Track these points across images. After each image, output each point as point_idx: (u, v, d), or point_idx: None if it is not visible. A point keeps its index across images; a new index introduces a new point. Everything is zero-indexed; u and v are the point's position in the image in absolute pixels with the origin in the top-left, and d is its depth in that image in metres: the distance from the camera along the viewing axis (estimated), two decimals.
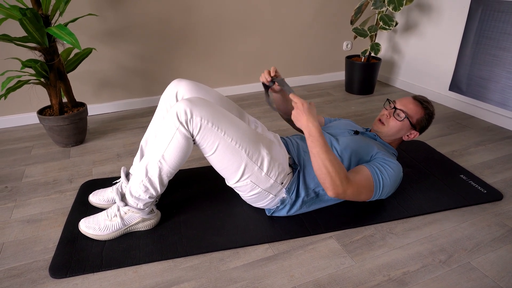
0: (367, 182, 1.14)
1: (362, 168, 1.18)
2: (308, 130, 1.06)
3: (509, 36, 1.91)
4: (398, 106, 1.32)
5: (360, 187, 1.12)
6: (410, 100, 1.32)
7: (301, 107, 1.07)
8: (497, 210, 1.34)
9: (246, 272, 1.07)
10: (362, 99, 2.54)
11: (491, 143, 1.87)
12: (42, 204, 1.38)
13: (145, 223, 1.20)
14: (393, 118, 1.31)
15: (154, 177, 1.09)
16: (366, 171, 1.16)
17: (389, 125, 1.31)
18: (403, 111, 1.29)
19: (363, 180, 1.14)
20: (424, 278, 1.05)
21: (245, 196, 1.22)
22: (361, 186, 1.13)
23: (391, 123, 1.31)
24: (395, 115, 1.31)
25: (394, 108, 1.31)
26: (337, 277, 1.05)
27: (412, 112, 1.30)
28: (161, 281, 1.04)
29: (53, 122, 1.72)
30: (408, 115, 1.29)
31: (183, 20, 2.27)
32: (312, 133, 1.06)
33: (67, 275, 1.04)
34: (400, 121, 1.30)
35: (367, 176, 1.15)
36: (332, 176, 1.05)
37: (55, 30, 1.48)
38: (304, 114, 1.07)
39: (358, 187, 1.11)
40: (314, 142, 1.06)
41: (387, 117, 1.32)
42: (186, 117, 1.03)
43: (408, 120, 1.29)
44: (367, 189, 1.15)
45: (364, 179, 1.14)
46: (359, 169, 1.17)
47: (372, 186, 1.16)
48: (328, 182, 1.06)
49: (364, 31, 2.40)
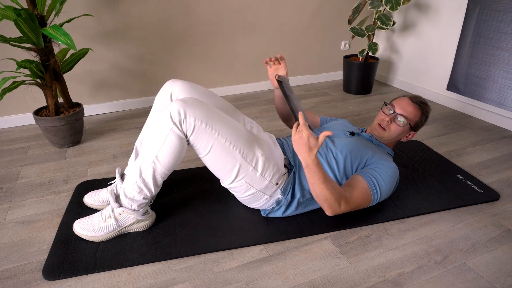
0: (365, 195, 1.16)
1: (358, 179, 1.17)
2: (305, 162, 1.03)
3: (506, 36, 1.90)
4: (398, 110, 1.29)
5: (358, 202, 1.15)
6: (408, 102, 1.30)
7: (306, 139, 1.00)
8: (493, 210, 1.34)
9: (240, 274, 1.06)
10: (360, 99, 2.53)
11: (488, 143, 1.87)
12: (37, 205, 1.38)
13: (139, 224, 1.19)
14: (394, 124, 1.29)
15: (148, 178, 1.09)
16: (363, 182, 1.16)
17: (390, 130, 1.29)
18: (404, 116, 1.28)
19: (360, 195, 1.15)
20: (419, 279, 1.04)
21: (240, 196, 1.21)
22: (359, 201, 1.15)
23: (392, 128, 1.29)
24: (396, 121, 1.29)
25: (394, 113, 1.29)
26: (331, 278, 1.05)
27: (411, 115, 1.29)
28: (155, 282, 1.03)
29: (49, 122, 1.72)
30: (408, 120, 1.28)
31: (180, 20, 2.26)
32: (310, 165, 1.03)
33: (61, 276, 1.04)
34: (402, 127, 1.29)
35: (364, 189, 1.16)
36: (330, 202, 1.08)
37: (50, 30, 1.47)
38: (306, 147, 1.01)
39: (356, 203, 1.15)
40: (311, 173, 1.04)
41: (388, 123, 1.29)
42: (179, 118, 1.02)
43: (409, 124, 1.29)
44: (365, 202, 1.17)
45: (361, 193, 1.15)
46: (356, 182, 1.17)
47: (370, 197, 1.17)
48: (326, 206, 1.10)
49: (361, 30, 2.40)
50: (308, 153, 1.01)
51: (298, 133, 1.02)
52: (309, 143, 1.00)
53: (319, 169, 1.03)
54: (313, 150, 1.01)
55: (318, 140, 1.01)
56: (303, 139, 1.00)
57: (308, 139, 1.00)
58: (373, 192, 1.16)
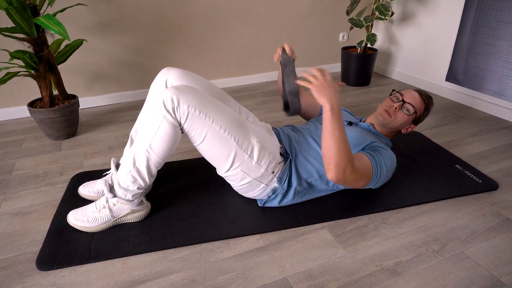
0: (367, 170, 1.13)
1: (362, 156, 1.15)
2: (331, 104, 1.00)
3: (505, 25, 1.88)
4: (407, 99, 1.29)
5: (361, 174, 1.10)
6: (416, 94, 1.31)
7: (330, 81, 1.03)
8: (492, 200, 1.33)
9: (237, 263, 1.05)
10: (358, 91, 2.51)
11: (487, 133, 1.86)
12: (31, 197, 1.36)
13: (134, 215, 1.18)
14: (401, 112, 1.29)
15: (142, 167, 1.07)
16: (366, 159, 1.14)
17: (396, 117, 1.29)
18: (412, 106, 1.28)
19: (364, 167, 1.12)
20: (417, 268, 1.03)
21: (236, 185, 1.20)
22: (362, 173, 1.10)
23: (399, 116, 1.29)
24: (403, 109, 1.29)
25: (403, 101, 1.29)
26: (328, 267, 1.04)
27: (418, 106, 1.30)
28: (150, 272, 1.02)
29: (44, 114, 1.70)
30: (416, 109, 1.29)
31: (177, 12, 2.23)
32: (334, 108, 1.00)
33: (55, 267, 1.03)
34: (408, 116, 1.28)
35: (367, 164, 1.13)
36: (340, 158, 1.01)
37: (43, 20, 1.45)
38: (330, 86, 1.02)
39: (359, 174, 1.09)
40: (334, 118, 1.00)
41: (396, 110, 1.28)
42: (173, 105, 1.00)
43: (415, 114, 1.29)
44: (365, 177, 1.13)
45: (365, 167, 1.12)
46: (360, 156, 1.15)
47: (371, 174, 1.14)
48: (334, 164, 1.02)
49: (360, 21, 2.37)
50: (335, 95, 1.01)
51: (322, 76, 1.03)
52: (334, 85, 1.03)
53: (341, 116, 1.03)
54: (338, 93, 1.03)
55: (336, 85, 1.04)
56: (327, 81, 1.02)
57: (328, 79, 1.03)
58: (374, 170, 1.14)
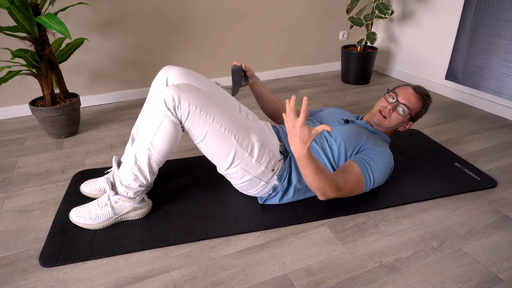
0: (357, 182, 1.15)
1: (351, 165, 1.16)
2: (296, 154, 1.00)
3: (505, 23, 1.88)
4: (401, 100, 1.28)
5: (351, 188, 1.15)
6: (412, 92, 1.29)
7: (298, 130, 0.95)
8: (491, 197, 1.34)
9: (237, 260, 1.06)
10: (358, 89, 2.52)
11: (486, 131, 1.86)
12: (34, 195, 1.37)
13: (136, 212, 1.19)
14: (395, 113, 1.28)
15: (144, 165, 1.08)
16: (356, 168, 1.15)
17: (390, 119, 1.29)
18: (407, 106, 1.27)
19: (353, 181, 1.14)
20: (415, 264, 1.04)
21: (237, 183, 1.21)
22: (352, 187, 1.15)
23: (393, 116, 1.28)
24: (397, 110, 1.28)
25: (397, 101, 1.28)
26: (328, 264, 1.05)
27: (413, 105, 1.28)
28: (152, 269, 1.03)
29: (45, 113, 1.71)
30: (410, 110, 1.28)
31: (177, 10, 2.24)
32: (300, 158, 0.99)
33: (57, 263, 1.04)
34: (402, 117, 1.28)
35: (357, 175, 1.15)
36: (322, 191, 1.08)
37: (44, 18, 1.45)
38: (297, 138, 0.96)
39: (349, 189, 1.14)
40: (303, 165, 1.01)
41: (390, 111, 1.28)
42: (174, 103, 1.01)
43: (410, 114, 1.29)
44: (357, 188, 1.17)
45: (354, 179, 1.14)
46: (349, 167, 1.16)
47: (363, 183, 1.17)
48: (319, 193, 1.09)
49: (360, 20, 2.38)
50: (299, 146, 0.96)
51: (290, 122, 0.96)
52: (301, 134, 0.94)
53: (310, 162, 0.99)
54: (306, 143, 0.95)
55: (311, 132, 0.95)
56: (295, 129, 0.95)
57: (300, 130, 0.94)
58: (365, 178, 1.16)
